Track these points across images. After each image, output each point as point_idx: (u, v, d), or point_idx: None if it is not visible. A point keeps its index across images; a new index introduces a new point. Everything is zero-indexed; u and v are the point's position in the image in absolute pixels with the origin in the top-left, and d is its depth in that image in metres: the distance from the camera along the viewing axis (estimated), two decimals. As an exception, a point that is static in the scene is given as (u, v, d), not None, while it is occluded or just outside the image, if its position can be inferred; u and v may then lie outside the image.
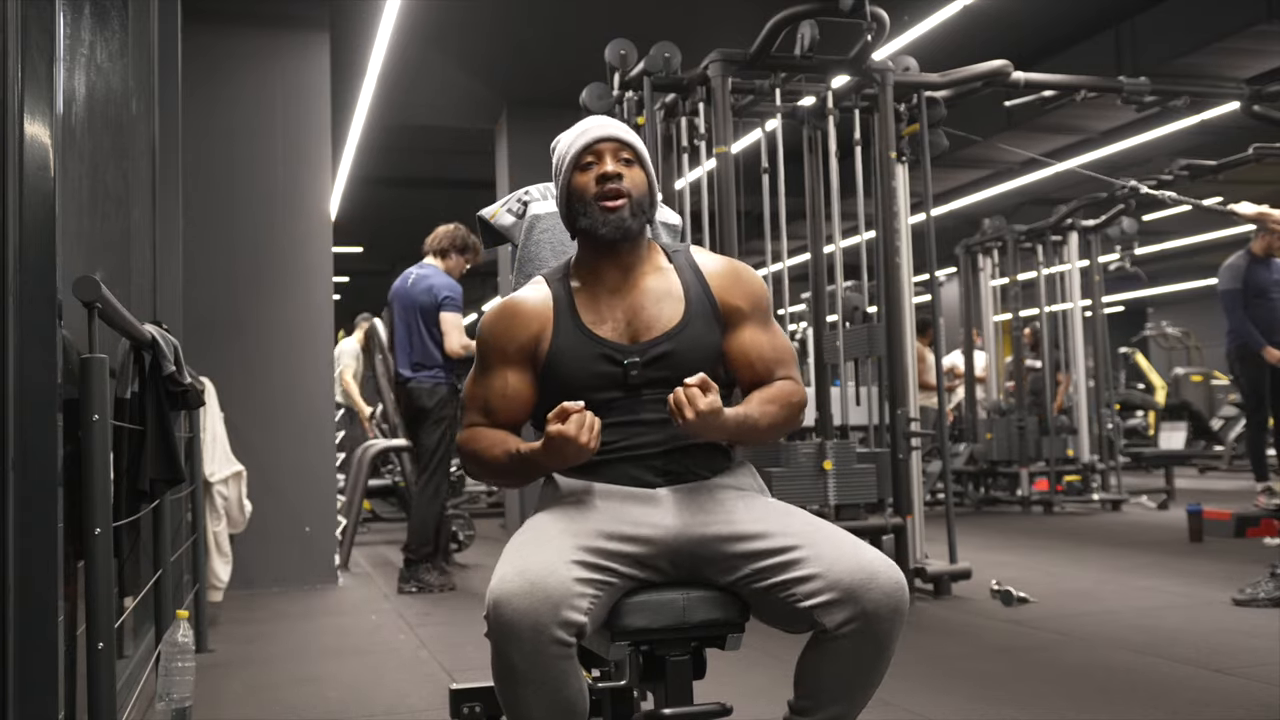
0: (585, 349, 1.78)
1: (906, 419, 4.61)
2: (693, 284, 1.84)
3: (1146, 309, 20.31)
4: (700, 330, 1.80)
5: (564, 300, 1.82)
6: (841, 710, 1.64)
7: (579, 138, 1.83)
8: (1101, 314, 8.82)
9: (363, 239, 13.77)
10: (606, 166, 1.79)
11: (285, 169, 5.54)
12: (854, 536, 1.66)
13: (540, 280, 1.89)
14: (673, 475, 1.75)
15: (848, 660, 1.59)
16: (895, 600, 1.56)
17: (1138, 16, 7.26)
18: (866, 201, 4.90)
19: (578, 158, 1.81)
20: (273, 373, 5.41)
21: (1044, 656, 3.46)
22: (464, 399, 1.88)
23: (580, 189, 1.80)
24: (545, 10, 6.53)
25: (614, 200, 1.77)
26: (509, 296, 1.89)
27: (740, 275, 1.88)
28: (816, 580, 1.58)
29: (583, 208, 1.79)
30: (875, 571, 1.57)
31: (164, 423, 2.55)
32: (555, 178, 1.89)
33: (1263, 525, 6.02)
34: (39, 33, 1.71)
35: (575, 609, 1.51)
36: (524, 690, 1.50)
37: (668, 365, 1.76)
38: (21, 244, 1.61)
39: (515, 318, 1.83)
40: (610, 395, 1.76)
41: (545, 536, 1.62)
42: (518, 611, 1.47)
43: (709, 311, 1.82)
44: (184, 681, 2.56)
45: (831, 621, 1.56)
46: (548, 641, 1.47)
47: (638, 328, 1.79)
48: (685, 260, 1.88)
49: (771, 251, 5.06)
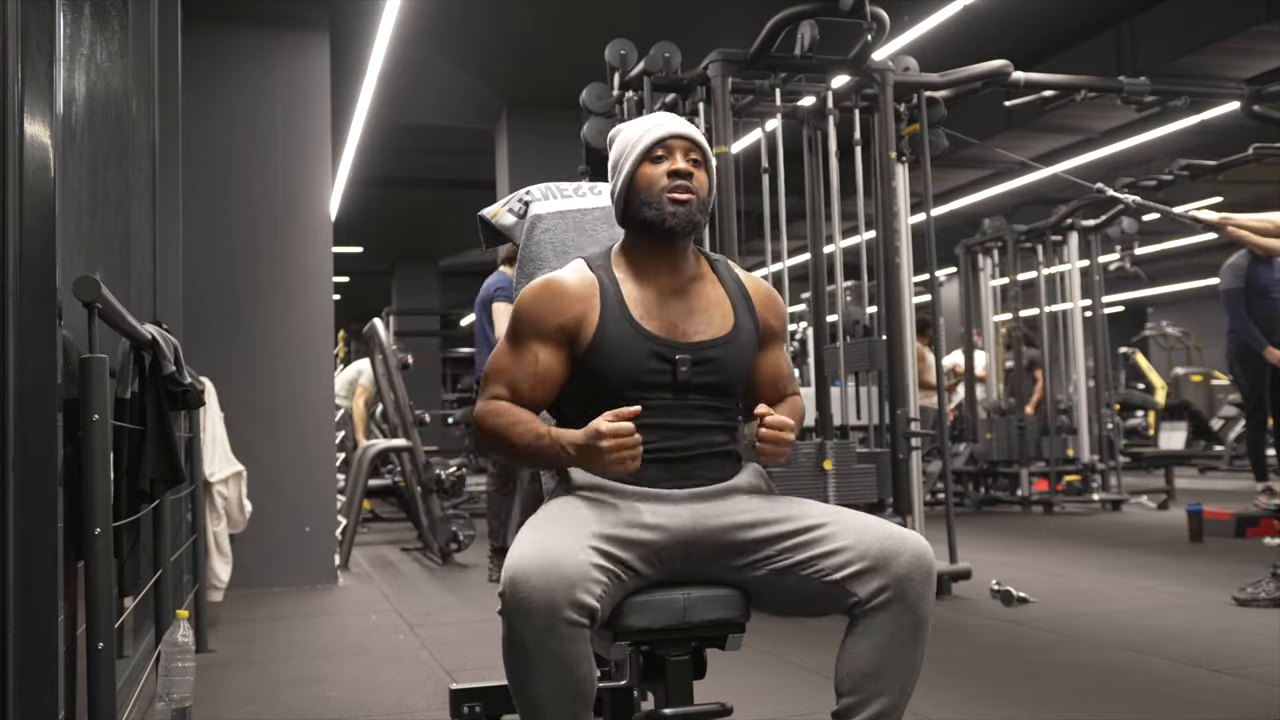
0: (633, 342, 1.76)
1: (906, 419, 4.61)
2: (738, 297, 1.87)
3: (1146, 309, 20.33)
4: (746, 342, 1.84)
5: (611, 289, 1.80)
6: (891, 701, 1.63)
7: (652, 129, 1.81)
8: (1101, 314, 8.82)
9: (363, 239, 13.78)
10: (678, 163, 1.78)
11: (285, 169, 5.54)
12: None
13: (582, 264, 1.86)
14: (695, 481, 1.76)
15: (887, 635, 1.61)
16: (925, 564, 1.62)
17: (1138, 16, 7.27)
18: (866, 201, 4.90)
19: (649, 149, 1.79)
20: (273, 373, 5.41)
21: (1044, 656, 3.46)
22: (487, 371, 1.83)
23: (649, 180, 1.79)
24: (545, 10, 6.53)
25: (684, 194, 1.77)
26: (550, 275, 1.85)
27: (775, 297, 1.94)
28: (846, 552, 1.63)
29: (650, 199, 1.78)
30: (903, 537, 1.64)
31: (164, 423, 2.55)
32: (614, 167, 1.85)
33: (1263, 525, 6.02)
34: (39, 33, 1.71)
35: (590, 593, 1.51)
36: (533, 670, 1.50)
37: (715, 371, 1.79)
38: (21, 244, 1.61)
39: (559, 297, 1.79)
40: (654, 394, 1.75)
41: (565, 521, 1.64)
42: (535, 589, 1.48)
43: (753, 326, 1.86)
44: (184, 681, 2.56)
45: (865, 590, 1.61)
46: (561, 621, 1.48)
47: (687, 330, 1.80)
48: (727, 271, 1.91)
49: (771, 251, 5.06)
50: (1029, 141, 9.19)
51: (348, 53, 6.42)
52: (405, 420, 6.63)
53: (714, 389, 1.78)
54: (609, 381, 1.75)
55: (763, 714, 2.77)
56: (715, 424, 1.80)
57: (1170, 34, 7.08)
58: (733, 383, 1.82)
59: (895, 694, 1.63)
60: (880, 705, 1.62)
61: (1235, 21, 6.70)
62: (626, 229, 1.86)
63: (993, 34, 6.80)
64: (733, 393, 1.84)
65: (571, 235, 2.04)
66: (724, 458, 1.80)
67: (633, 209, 1.81)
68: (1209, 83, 6.92)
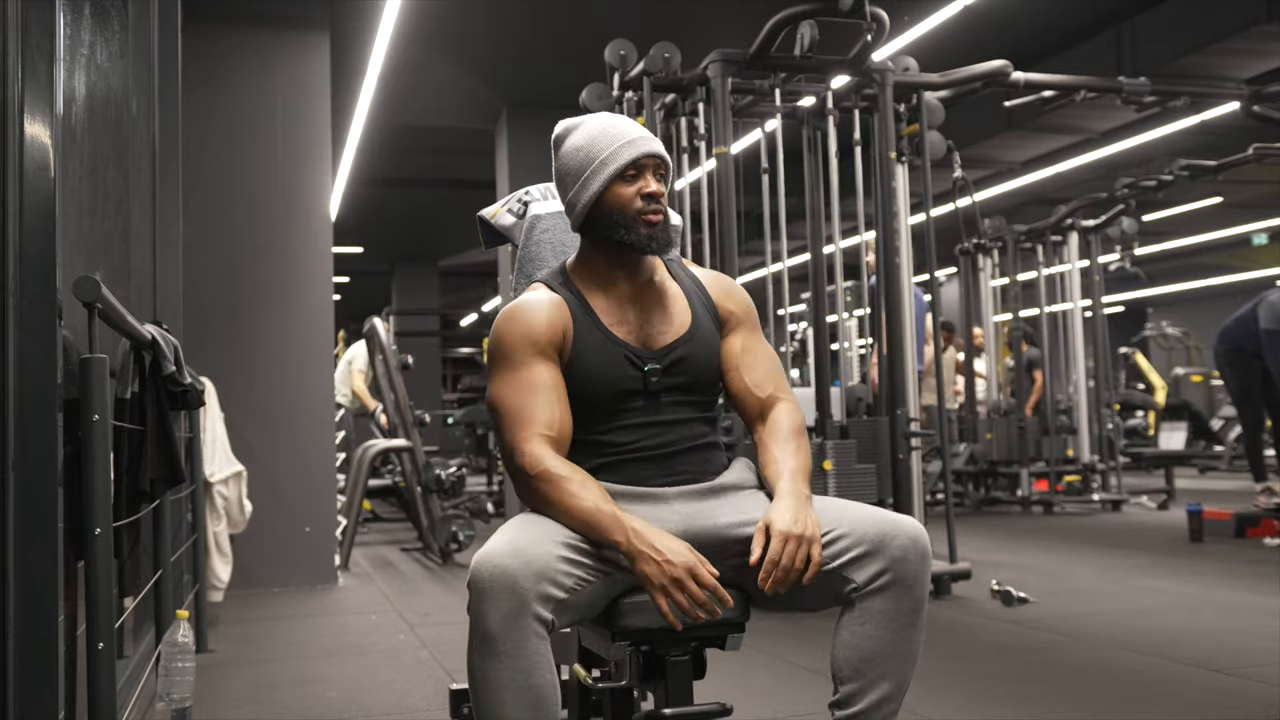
0: (609, 351, 1.78)
1: (906, 419, 4.61)
2: (693, 290, 1.90)
3: (1146, 309, 20.33)
4: (708, 333, 1.86)
5: (578, 302, 1.81)
6: (892, 686, 1.62)
7: (624, 148, 1.78)
8: (1101, 314, 8.82)
9: (363, 239, 13.78)
10: (651, 185, 1.78)
11: (285, 169, 5.54)
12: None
13: (539, 285, 1.85)
14: (682, 476, 1.77)
15: (886, 619, 1.61)
16: (921, 546, 1.63)
17: (1138, 16, 7.26)
18: (866, 201, 4.90)
19: (621, 170, 1.78)
20: (273, 373, 5.41)
21: (1044, 656, 3.46)
22: (501, 406, 1.74)
23: (622, 201, 1.78)
24: (545, 10, 6.53)
25: (657, 216, 1.78)
26: (519, 299, 1.83)
27: (731, 284, 1.95)
28: (843, 540, 1.64)
29: (624, 220, 1.77)
30: (897, 521, 1.65)
31: (164, 423, 2.55)
32: (573, 176, 1.81)
33: (1263, 525, 6.02)
34: (39, 33, 1.71)
35: (557, 585, 1.52)
36: (495, 664, 1.49)
37: (683, 370, 1.81)
38: (21, 244, 1.61)
39: (540, 313, 1.78)
40: (631, 400, 1.78)
41: (539, 520, 1.64)
42: (499, 569, 1.49)
43: (711, 315, 1.88)
44: (184, 681, 2.56)
45: (863, 576, 1.62)
46: (524, 612, 1.48)
47: (650, 333, 1.81)
48: (681, 269, 1.93)
49: (771, 251, 5.06)
50: (1029, 141, 9.20)
51: (348, 53, 6.42)
52: (405, 420, 6.63)
53: (685, 388, 1.81)
54: (589, 391, 1.76)
55: (763, 714, 2.77)
56: (695, 417, 1.82)
57: (1170, 34, 7.08)
58: (703, 378, 1.83)
59: (896, 679, 1.62)
60: (881, 691, 1.62)
61: (1235, 21, 6.70)
62: (587, 239, 1.85)
63: (992, 34, 6.80)
64: (706, 386, 1.85)
65: (570, 236, 2.04)
66: (708, 449, 1.82)
67: (604, 228, 1.79)
68: (1209, 83, 6.92)
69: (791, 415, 1.84)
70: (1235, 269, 17.86)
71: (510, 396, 1.73)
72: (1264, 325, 6.06)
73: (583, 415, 1.76)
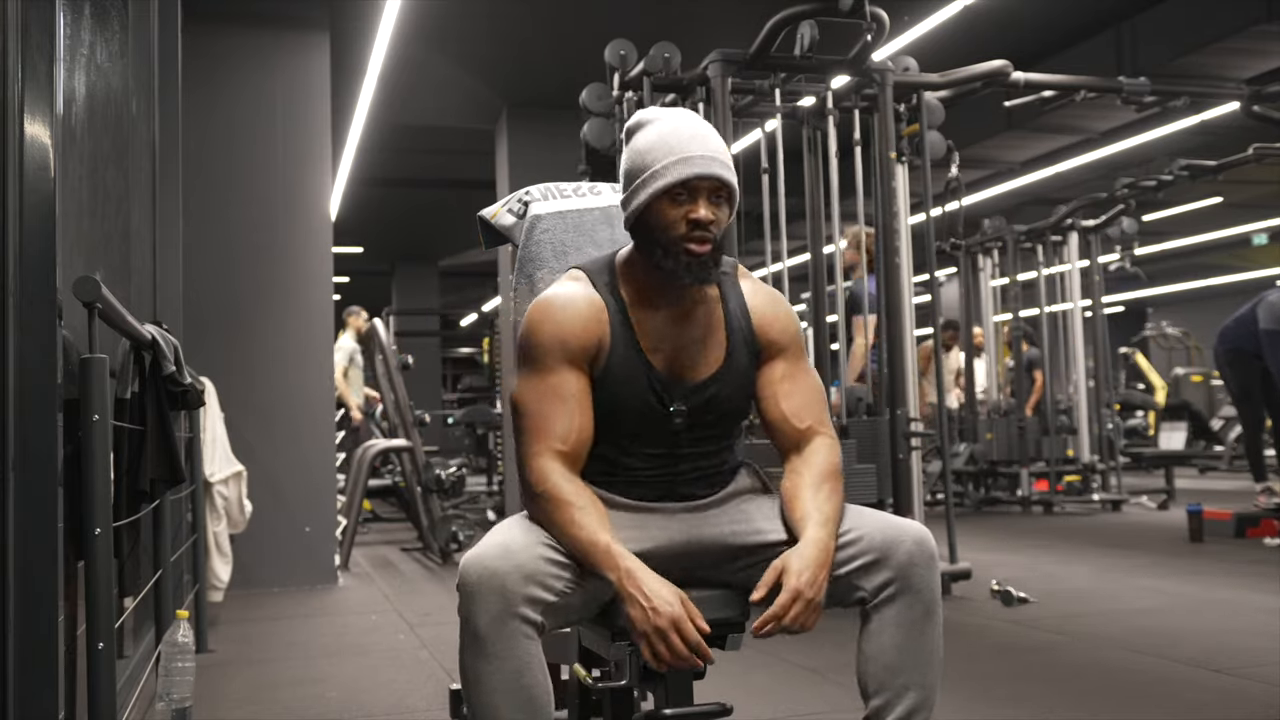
0: (640, 377, 1.68)
1: (906, 419, 4.61)
2: (736, 315, 1.76)
3: (1146, 309, 20.33)
4: (741, 370, 1.74)
5: (618, 313, 1.70)
6: (920, 696, 1.61)
7: (676, 165, 1.63)
8: (1101, 314, 8.82)
9: (363, 239, 13.78)
10: (700, 211, 1.62)
11: (285, 169, 5.54)
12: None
13: (584, 279, 1.73)
14: (688, 498, 1.74)
15: (902, 627, 1.60)
16: (927, 550, 1.62)
17: (1138, 16, 7.27)
18: (866, 201, 4.90)
19: (668, 188, 1.63)
20: (273, 373, 5.41)
21: (1044, 656, 3.46)
22: (522, 409, 1.67)
23: (666, 222, 1.64)
24: (545, 10, 6.53)
25: (702, 245, 1.63)
26: (558, 290, 1.72)
27: (778, 308, 1.79)
28: (849, 548, 1.62)
29: (665, 242, 1.64)
30: (902, 526, 1.63)
31: (164, 423, 2.55)
32: (627, 176, 1.70)
33: (1263, 525, 6.02)
34: (39, 33, 1.71)
35: (545, 588, 1.51)
36: (485, 665, 1.50)
37: (711, 409, 1.72)
38: (21, 244, 1.61)
39: (577, 316, 1.67)
40: (651, 429, 1.70)
41: (529, 525, 1.63)
42: (487, 570, 1.50)
43: (748, 344, 1.75)
44: (184, 681, 2.56)
45: (870, 584, 1.60)
46: (512, 613, 1.48)
47: (684, 363, 1.71)
48: (732, 286, 1.79)
49: (771, 251, 5.06)
50: (1029, 141, 9.20)
51: (348, 53, 6.42)
52: (405, 420, 6.63)
53: (710, 424, 1.73)
54: (612, 412, 1.68)
55: (763, 714, 2.77)
56: (713, 449, 1.76)
57: (1170, 34, 7.08)
58: (730, 415, 1.75)
59: (923, 687, 1.62)
60: (910, 702, 1.61)
61: (1235, 21, 6.70)
62: (634, 240, 1.74)
63: (992, 34, 6.80)
64: (732, 421, 1.78)
65: (571, 236, 2.03)
66: (721, 473, 1.78)
67: (644, 239, 1.68)
68: (1209, 83, 6.92)
69: (830, 453, 1.72)
70: (1235, 269, 17.87)
71: (532, 402, 1.66)
72: (1264, 325, 6.06)
73: (602, 429, 1.69)
